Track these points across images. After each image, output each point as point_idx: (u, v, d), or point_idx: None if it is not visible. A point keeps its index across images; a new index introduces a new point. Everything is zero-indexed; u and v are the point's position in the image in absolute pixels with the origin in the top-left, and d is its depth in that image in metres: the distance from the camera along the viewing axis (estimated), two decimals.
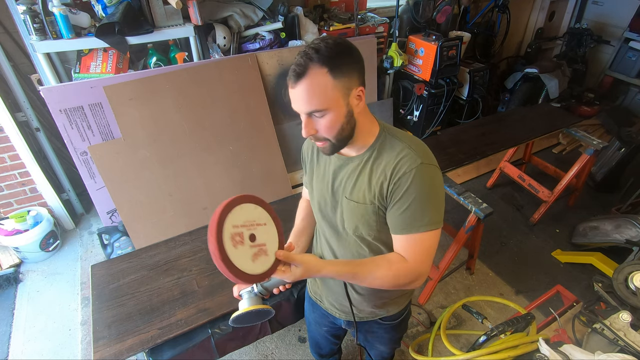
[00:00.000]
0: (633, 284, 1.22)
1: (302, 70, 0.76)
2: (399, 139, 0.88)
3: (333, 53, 0.76)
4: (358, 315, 1.11)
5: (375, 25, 2.94)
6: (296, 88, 0.78)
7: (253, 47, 2.51)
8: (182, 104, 2.25)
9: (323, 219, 1.02)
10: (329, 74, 0.76)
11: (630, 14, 3.90)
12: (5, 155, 2.26)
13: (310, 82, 0.76)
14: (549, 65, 3.62)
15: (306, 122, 0.81)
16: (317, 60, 0.75)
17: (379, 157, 0.88)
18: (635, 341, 1.06)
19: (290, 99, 0.81)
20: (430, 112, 3.22)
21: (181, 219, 2.31)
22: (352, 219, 0.93)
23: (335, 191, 0.95)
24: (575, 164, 2.58)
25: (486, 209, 1.87)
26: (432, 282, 2.14)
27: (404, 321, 1.22)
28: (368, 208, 0.89)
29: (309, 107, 0.79)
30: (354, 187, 0.91)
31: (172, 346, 1.34)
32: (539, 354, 1.06)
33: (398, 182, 0.83)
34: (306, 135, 0.83)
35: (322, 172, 0.98)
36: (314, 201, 1.02)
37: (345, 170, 0.93)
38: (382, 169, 0.86)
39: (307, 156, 1.04)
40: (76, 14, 1.97)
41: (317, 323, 1.31)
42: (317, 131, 0.82)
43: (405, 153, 0.85)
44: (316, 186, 1.00)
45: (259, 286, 0.87)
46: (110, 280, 1.51)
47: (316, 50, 0.76)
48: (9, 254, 2.36)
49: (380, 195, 0.87)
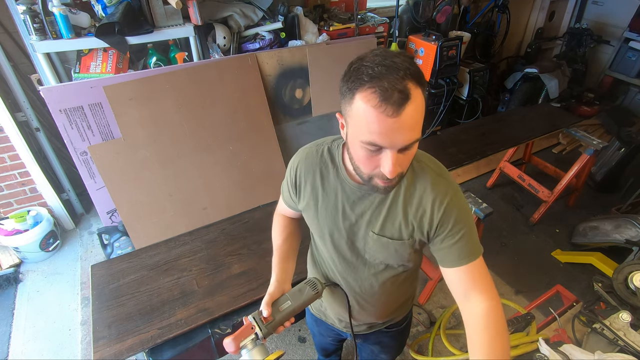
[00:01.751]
0: (633, 284, 1.22)
1: (408, 93, 0.59)
2: (424, 162, 0.81)
3: (418, 69, 0.62)
4: (365, 326, 1.07)
5: (375, 25, 2.94)
6: (401, 116, 0.59)
7: (253, 47, 2.51)
8: (182, 104, 2.25)
9: (336, 252, 0.90)
10: (423, 97, 0.63)
11: (630, 14, 3.89)
12: (5, 155, 2.26)
13: (416, 106, 0.60)
14: (549, 65, 3.62)
15: (396, 158, 0.64)
16: (413, 77, 0.60)
17: (411, 187, 0.79)
18: (635, 341, 1.06)
19: (378, 132, 0.61)
20: (430, 112, 3.22)
21: (181, 219, 2.31)
22: (382, 253, 0.85)
23: (354, 224, 0.84)
24: (575, 164, 2.58)
25: (486, 209, 1.87)
26: (432, 282, 2.14)
27: (408, 324, 1.20)
28: (405, 243, 0.81)
29: (412, 136, 0.63)
30: (385, 221, 0.80)
31: (172, 346, 1.34)
32: (539, 354, 1.06)
33: (444, 214, 0.76)
34: (394, 174, 0.66)
35: (333, 202, 0.84)
36: (321, 232, 0.89)
37: (367, 202, 0.81)
38: (417, 201, 0.78)
39: (305, 180, 0.88)
40: (76, 14, 1.97)
41: (321, 335, 1.29)
42: None
43: (438, 181, 0.78)
44: (324, 217, 0.86)
45: (264, 329, 0.76)
46: (110, 280, 1.51)
47: (409, 64, 0.61)
48: (9, 254, 2.36)
49: (420, 230, 0.79)
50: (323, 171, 0.85)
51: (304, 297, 0.84)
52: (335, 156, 0.85)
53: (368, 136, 0.63)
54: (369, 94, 0.60)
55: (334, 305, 1.05)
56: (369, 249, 0.85)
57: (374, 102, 0.59)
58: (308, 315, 1.29)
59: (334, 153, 0.85)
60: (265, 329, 0.76)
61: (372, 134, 0.62)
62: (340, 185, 0.83)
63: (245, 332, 0.76)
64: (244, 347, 0.74)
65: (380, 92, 0.58)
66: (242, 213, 1.95)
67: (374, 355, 1.26)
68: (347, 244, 0.87)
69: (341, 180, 0.83)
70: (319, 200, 0.86)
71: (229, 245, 1.70)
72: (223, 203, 2.42)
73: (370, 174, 0.70)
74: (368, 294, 0.95)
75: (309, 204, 0.88)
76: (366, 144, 0.64)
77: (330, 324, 1.15)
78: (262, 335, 0.75)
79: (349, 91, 0.63)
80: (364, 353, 1.29)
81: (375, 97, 0.59)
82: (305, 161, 0.88)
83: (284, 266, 0.94)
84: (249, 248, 1.68)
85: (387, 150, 0.64)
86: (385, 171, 0.66)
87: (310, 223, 0.92)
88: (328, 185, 0.84)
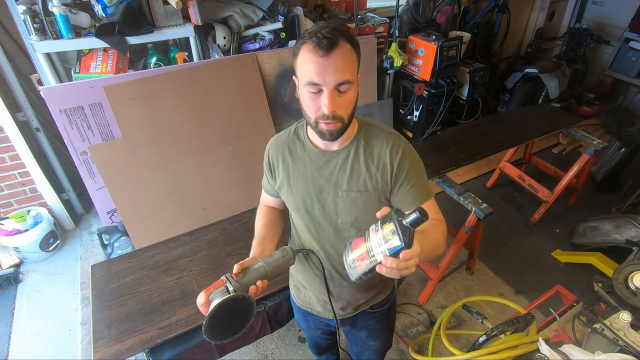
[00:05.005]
0: (633, 284, 1.22)
1: (335, 39, 0.75)
2: (375, 125, 0.95)
3: (350, 34, 0.79)
4: (350, 308, 1.12)
5: (375, 25, 2.94)
6: (330, 56, 0.75)
7: (253, 47, 2.51)
8: (182, 104, 2.25)
9: (311, 220, 0.98)
10: (353, 50, 0.79)
11: (630, 14, 3.90)
12: (5, 155, 2.26)
13: (343, 52, 0.76)
14: (549, 66, 3.62)
15: (332, 96, 0.78)
16: (342, 37, 0.77)
17: (368, 146, 0.92)
18: (635, 341, 1.06)
19: (315, 71, 0.76)
20: (430, 112, 3.22)
21: (181, 219, 2.31)
22: (352, 211, 0.93)
23: (323, 188, 0.93)
24: (575, 164, 2.58)
25: (486, 209, 1.87)
26: (432, 282, 2.14)
27: (392, 307, 1.23)
28: (371, 195, 0.91)
29: (343, 75, 0.77)
30: (350, 178, 0.91)
31: (172, 346, 1.34)
32: (539, 354, 1.05)
33: (400, 162, 0.90)
34: (331, 110, 0.79)
35: (302, 172, 0.95)
36: (296, 203, 0.98)
37: (332, 165, 0.92)
38: (377, 155, 0.91)
39: (277, 159, 0.99)
40: (76, 14, 1.97)
41: (310, 329, 1.31)
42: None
43: (391, 136, 0.92)
44: (297, 187, 0.96)
45: (234, 283, 0.78)
46: (110, 280, 1.51)
47: (339, 25, 0.78)
48: (9, 254, 2.36)
49: (384, 180, 0.91)
50: (291, 147, 0.97)
51: (274, 258, 0.86)
52: (300, 133, 0.98)
53: (307, 77, 0.78)
54: (307, 45, 0.76)
55: (314, 283, 1.07)
56: (339, 211, 0.94)
57: (310, 47, 0.76)
58: (296, 312, 1.31)
59: (299, 131, 0.98)
60: (236, 283, 0.78)
61: (310, 74, 0.77)
62: (307, 155, 0.95)
63: (216, 285, 0.79)
64: (212, 298, 0.75)
65: (315, 40, 0.75)
66: (242, 213, 1.95)
67: (363, 343, 1.29)
68: (319, 210, 0.95)
69: (307, 151, 0.95)
70: (290, 173, 0.97)
71: (229, 245, 1.70)
72: (223, 203, 2.42)
73: (316, 118, 0.82)
74: (342, 260, 0.97)
75: (283, 180, 0.99)
76: (307, 85, 0.79)
77: (316, 313, 1.17)
78: (233, 288, 0.76)
79: (296, 49, 0.80)
80: (355, 345, 1.34)
81: (311, 44, 0.76)
82: (275, 143, 1.01)
83: (261, 248, 0.98)
84: (249, 248, 1.67)
85: (324, 89, 0.78)
86: (323, 108, 0.79)
87: (287, 199, 1.01)
88: (297, 158, 0.96)
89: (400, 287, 2.25)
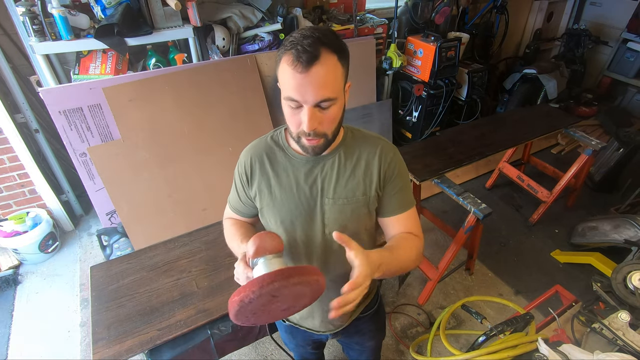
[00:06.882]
0: (632, 284, 1.23)
1: (316, 54, 0.68)
2: (361, 131, 0.93)
3: (338, 41, 0.73)
4: (346, 316, 1.08)
5: (374, 26, 2.95)
6: (309, 72, 0.69)
7: (252, 48, 2.51)
8: (181, 105, 2.25)
9: (297, 232, 0.91)
10: (338, 61, 0.73)
11: (628, 15, 3.91)
12: (4, 156, 2.26)
13: (325, 66, 0.70)
14: (547, 66, 3.63)
15: (312, 113, 0.73)
16: (328, 46, 0.70)
17: (355, 151, 0.89)
18: (633, 341, 1.06)
19: (293, 87, 0.71)
20: (429, 112, 3.22)
21: (180, 220, 2.31)
22: (339, 220, 0.89)
23: (310, 197, 0.88)
24: (574, 165, 2.58)
25: (485, 210, 1.87)
26: (432, 283, 2.14)
27: (380, 304, 1.21)
28: (360, 201, 0.88)
29: (323, 94, 0.71)
30: (337, 185, 0.87)
31: (171, 347, 1.34)
32: (538, 354, 1.06)
33: (390, 167, 0.88)
34: (311, 129, 0.74)
35: (286, 181, 0.89)
36: (281, 215, 0.90)
37: (316, 172, 0.87)
38: (365, 160, 0.88)
39: (254, 170, 0.91)
40: (75, 16, 1.97)
41: (299, 346, 1.27)
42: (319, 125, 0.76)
43: (379, 142, 0.90)
44: (281, 198, 0.89)
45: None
46: (109, 282, 1.51)
47: (323, 35, 0.70)
48: (8, 255, 2.35)
49: (372, 186, 0.88)
50: (270, 155, 0.91)
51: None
52: (278, 139, 0.92)
53: (287, 92, 0.73)
54: (288, 56, 0.70)
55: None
56: (327, 220, 0.89)
57: (289, 61, 0.70)
58: (282, 331, 1.26)
59: (277, 137, 0.93)
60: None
61: (289, 89, 0.72)
62: (289, 162, 0.89)
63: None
64: (255, 264, 0.75)
65: (294, 53, 0.69)
66: None
67: (359, 346, 1.26)
68: (306, 220, 0.90)
69: (289, 158, 0.89)
70: (272, 183, 0.90)
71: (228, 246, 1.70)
72: (223, 204, 2.41)
73: (297, 133, 0.78)
74: (333, 273, 0.95)
75: (263, 192, 0.91)
76: (287, 100, 0.74)
77: (305, 329, 1.12)
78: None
79: (278, 57, 0.74)
80: (351, 350, 1.30)
81: (291, 57, 0.70)
82: (251, 152, 0.94)
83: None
84: None
85: (304, 106, 0.73)
86: (303, 125, 0.75)
87: (268, 212, 0.93)
88: (278, 166, 0.90)
89: (400, 289, 2.25)
